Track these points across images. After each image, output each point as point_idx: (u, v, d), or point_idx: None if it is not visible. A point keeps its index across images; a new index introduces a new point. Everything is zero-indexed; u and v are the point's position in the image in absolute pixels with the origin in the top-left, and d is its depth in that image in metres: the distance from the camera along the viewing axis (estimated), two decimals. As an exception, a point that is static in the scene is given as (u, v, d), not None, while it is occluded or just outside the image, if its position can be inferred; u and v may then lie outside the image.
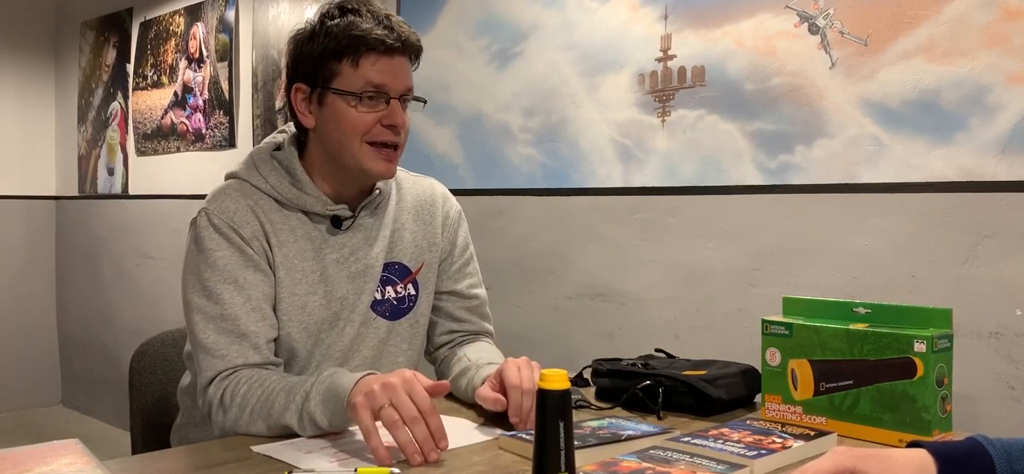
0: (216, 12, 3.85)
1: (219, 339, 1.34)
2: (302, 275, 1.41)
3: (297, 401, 1.25)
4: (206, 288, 1.36)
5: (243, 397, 1.30)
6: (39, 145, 4.93)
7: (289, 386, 1.28)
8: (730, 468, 1.08)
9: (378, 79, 1.37)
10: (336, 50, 1.36)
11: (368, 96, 1.37)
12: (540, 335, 2.57)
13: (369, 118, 1.37)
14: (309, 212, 1.43)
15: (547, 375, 0.95)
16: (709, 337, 2.20)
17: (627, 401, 1.46)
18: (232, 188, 1.42)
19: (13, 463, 1.01)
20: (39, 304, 4.96)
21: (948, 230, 1.83)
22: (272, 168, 1.44)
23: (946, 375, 1.25)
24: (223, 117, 3.81)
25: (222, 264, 1.36)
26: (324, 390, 1.23)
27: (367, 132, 1.38)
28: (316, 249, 1.43)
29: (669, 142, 2.28)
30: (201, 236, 1.38)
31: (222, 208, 1.39)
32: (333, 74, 1.37)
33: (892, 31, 1.89)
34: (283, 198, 1.42)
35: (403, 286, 1.52)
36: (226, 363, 1.33)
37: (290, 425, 1.25)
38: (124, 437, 1.73)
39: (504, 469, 1.14)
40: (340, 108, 1.38)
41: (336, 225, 1.45)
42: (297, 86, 1.42)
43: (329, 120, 1.39)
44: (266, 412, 1.27)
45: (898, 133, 1.89)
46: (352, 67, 1.36)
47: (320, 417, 1.23)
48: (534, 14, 2.59)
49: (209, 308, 1.35)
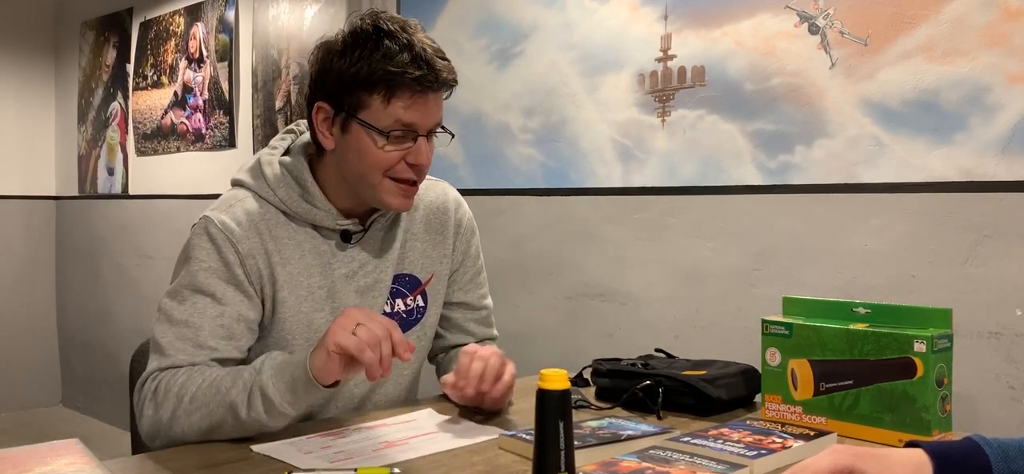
0: (216, 12, 3.85)
1: (174, 342, 1.28)
2: (308, 292, 1.37)
3: (245, 378, 1.20)
4: (180, 293, 1.31)
5: (180, 387, 1.23)
6: (39, 145, 4.93)
7: (235, 371, 1.23)
8: (730, 468, 1.08)
9: (409, 119, 1.30)
10: (368, 80, 1.28)
11: (396, 135, 1.30)
12: (540, 335, 2.57)
13: (394, 156, 1.31)
14: (318, 226, 1.39)
15: (547, 375, 0.95)
16: (709, 337, 2.20)
17: (627, 401, 1.46)
18: (239, 199, 1.37)
19: (13, 463, 1.01)
20: (39, 304, 4.96)
21: (948, 230, 1.83)
22: (281, 179, 1.37)
23: (946, 375, 1.25)
24: (223, 117, 3.81)
25: (203, 276, 1.31)
26: (278, 363, 1.20)
27: (390, 169, 1.32)
28: (324, 264, 1.39)
29: (669, 142, 2.28)
30: (194, 242, 1.34)
31: (224, 219, 1.33)
32: (361, 105, 1.30)
33: (892, 31, 1.89)
34: (291, 211, 1.37)
35: (412, 298, 1.49)
36: (171, 362, 1.27)
37: (236, 405, 1.19)
38: (124, 437, 1.73)
39: (504, 469, 1.14)
40: (364, 142, 1.30)
41: (346, 239, 1.41)
42: (319, 105, 1.33)
43: (351, 149, 1.32)
44: (207, 399, 1.20)
45: (898, 133, 1.89)
46: (383, 103, 1.28)
47: (272, 388, 1.17)
48: (534, 14, 2.59)
49: (176, 311, 1.30)
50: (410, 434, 1.29)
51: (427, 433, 1.30)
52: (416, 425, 1.34)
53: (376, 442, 1.24)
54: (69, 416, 4.81)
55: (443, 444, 1.24)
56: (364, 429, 1.31)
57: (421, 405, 1.47)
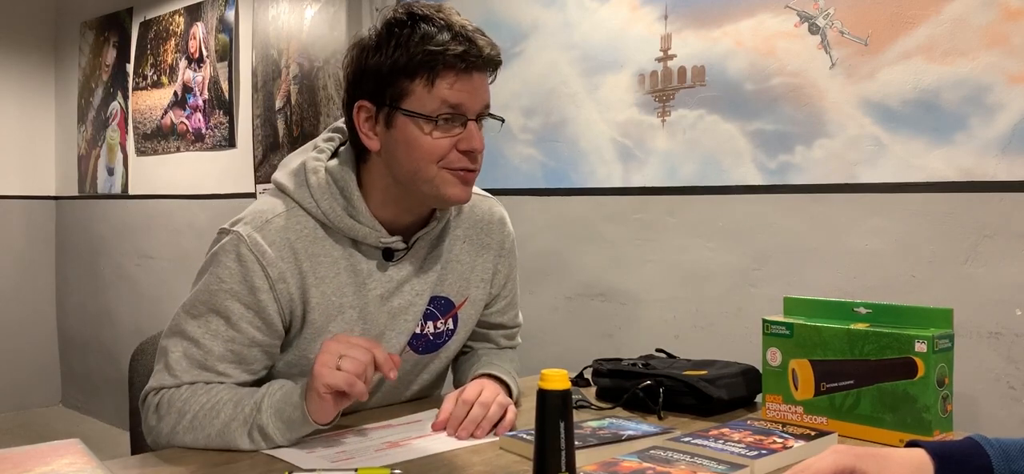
0: (216, 12, 3.85)
1: (181, 360, 1.25)
2: (338, 311, 1.30)
3: (246, 412, 1.19)
4: (197, 308, 1.26)
5: (183, 403, 1.22)
6: (39, 145, 4.93)
7: (237, 398, 1.21)
8: (731, 468, 1.08)
9: (455, 99, 1.22)
10: (408, 67, 1.21)
11: (444, 118, 1.23)
12: (540, 335, 2.57)
13: (445, 143, 1.23)
14: (359, 242, 1.31)
15: (547, 375, 0.95)
16: (709, 337, 2.20)
17: (627, 401, 1.46)
18: (277, 214, 1.28)
19: (13, 463, 1.01)
20: (39, 304, 4.96)
21: (948, 230, 1.83)
22: (326, 190, 1.29)
23: (947, 375, 1.25)
24: (223, 117, 3.81)
25: (223, 296, 1.24)
26: (277, 401, 1.19)
27: (442, 158, 1.24)
28: (359, 283, 1.31)
29: (669, 142, 2.28)
30: (222, 258, 1.25)
31: (258, 239, 1.25)
32: (404, 94, 1.23)
33: (892, 31, 1.89)
34: (333, 225, 1.29)
35: (444, 321, 1.42)
36: (174, 382, 1.25)
37: (236, 440, 1.19)
38: (124, 437, 1.73)
39: (504, 469, 1.14)
40: (412, 132, 1.23)
41: (387, 257, 1.33)
42: (360, 104, 1.26)
43: (399, 144, 1.24)
44: (205, 422, 1.20)
45: (898, 133, 1.89)
46: (426, 87, 1.22)
47: (272, 428, 1.18)
48: (534, 14, 2.59)
49: (190, 328, 1.25)
50: (413, 435, 1.29)
51: (430, 434, 1.30)
52: (419, 426, 1.34)
53: (378, 442, 1.24)
54: (69, 416, 4.81)
55: (445, 445, 1.24)
56: (367, 430, 1.31)
57: (425, 406, 1.47)
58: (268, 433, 1.18)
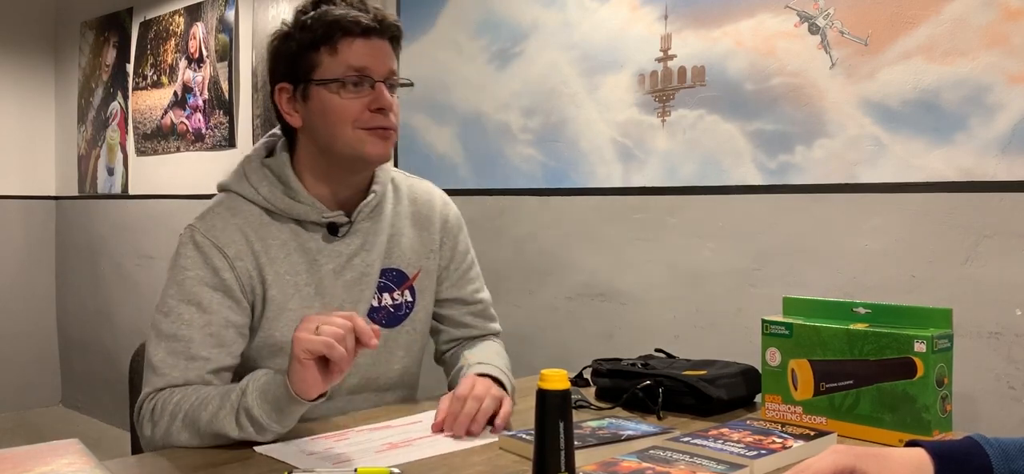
0: (216, 12, 3.85)
1: (166, 359, 1.29)
2: (296, 289, 1.37)
3: (232, 400, 1.21)
4: (168, 305, 1.31)
5: (175, 405, 1.25)
6: (39, 145, 4.93)
7: (224, 391, 1.24)
8: (730, 468, 1.08)
9: (359, 62, 1.33)
10: (313, 41, 1.33)
11: (352, 82, 1.33)
12: (540, 335, 2.57)
13: (356, 104, 1.33)
14: (303, 221, 1.39)
15: (547, 375, 0.95)
16: (709, 337, 2.20)
17: (627, 401, 1.46)
18: (222, 205, 1.38)
19: (13, 463, 1.01)
20: (39, 304, 4.96)
21: (948, 230, 1.83)
22: (263, 177, 1.39)
23: (946, 375, 1.25)
24: (223, 117, 3.81)
25: (190, 284, 1.31)
26: (261, 384, 1.20)
27: (356, 118, 1.33)
28: (310, 260, 1.39)
29: (669, 142, 2.28)
30: (180, 252, 1.35)
31: (209, 225, 1.35)
32: (313, 66, 1.34)
33: (892, 31, 1.89)
34: (275, 209, 1.37)
35: (400, 292, 1.49)
36: (166, 381, 1.28)
37: (225, 429, 1.20)
38: (124, 437, 1.73)
39: (504, 469, 1.14)
40: (325, 99, 1.34)
41: (333, 232, 1.41)
42: (280, 86, 1.38)
43: (316, 114, 1.35)
44: (195, 417, 1.22)
45: (898, 133, 1.89)
46: (331, 54, 1.33)
47: (258, 410, 1.19)
48: (534, 14, 2.59)
49: (165, 325, 1.31)
50: (414, 436, 1.29)
51: (429, 435, 1.30)
52: (421, 427, 1.34)
53: (379, 443, 1.25)
54: (69, 416, 4.81)
55: (445, 446, 1.24)
56: (367, 431, 1.31)
57: (425, 407, 1.47)
58: (254, 415, 1.19)
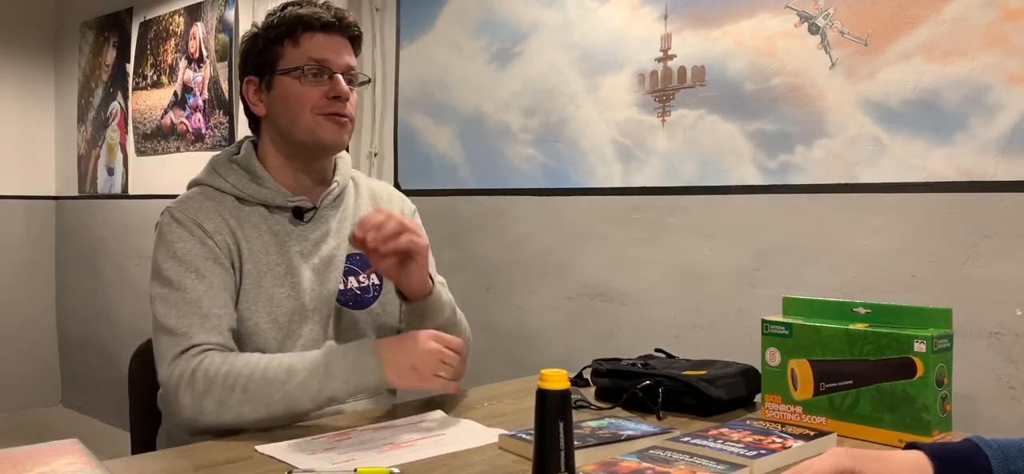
0: (216, 12, 3.85)
1: (181, 320, 1.34)
2: (268, 268, 1.44)
3: (312, 392, 1.29)
4: (167, 278, 1.38)
5: (226, 376, 1.28)
6: (39, 145, 4.92)
7: (288, 367, 1.30)
8: (730, 468, 1.08)
9: (318, 54, 1.44)
10: (278, 35, 1.45)
11: (312, 73, 1.43)
12: (540, 335, 2.57)
13: (315, 92, 1.43)
14: (270, 205, 1.47)
15: (547, 375, 0.95)
16: (709, 337, 2.20)
17: (627, 401, 1.46)
18: (195, 193, 1.47)
19: (13, 463, 1.01)
20: (39, 304, 4.96)
21: (948, 230, 1.83)
22: (231, 169, 1.49)
23: (946, 375, 1.25)
24: (223, 117, 3.81)
25: (183, 254, 1.38)
26: (346, 371, 1.30)
27: (314, 105, 1.43)
28: (280, 242, 1.46)
29: (669, 142, 2.28)
30: (164, 232, 1.42)
31: (185, 207, 1.43)
32: (277, 58, 1.45)
33: (892, 31, 1.89)
34: (244, 195, 1.46)
35: (365, 276, 1.55)
36: (189, 341, 1.33)
37: (305, 408, 1.30)
38: (124, 437, 1.73)
39: (504, 469, 1.14)
40: (287, 86, 1.44)
41: (298, 217, 1.49)
42: (248, 80, 1.49)
43: (278, 101, 1.46)
44: (262, 393, 1.28)
45: (898, 133, 1.89)
46: (294, 46, 1.44)
47: (343, 393, 1.30)
48: (534, 14, 2.59)
49: (171, 295, 1.36)
50: (416, 436, 1.29)
51: (431, 436, 1.30)
52: (423, 427, 1.34)
53: (379, 443, 1.24)
54: (69, 416, 4.81)
55: (446, 446, 1.24)
56: (367, 430, 1.31)
57: (426, 407, 1.47)
58: (338, 398, 1.31)
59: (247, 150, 1.52)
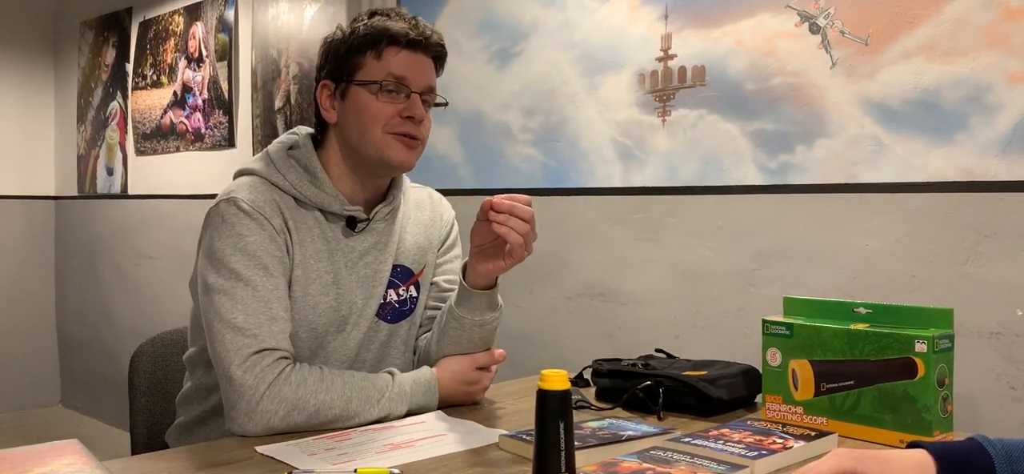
0: (216, 12, 3.85)
1: (248, 318, 1.29)
2: (317, 275, 1.40)
3: (376, 410, 1.35)
4: (233, 270, 1.31)
5: (322, 402, 1.30)
6: (38, 145, 4.92)
7: (363, 395, 1.34)
8: (730, 468, 1.08)
9: (399, 71, 1.39)
10: (361, 45, 1.40)
11: (389, 89, 1.39)
12: (540, 335, 2.57)
13: (389, 109, 1.39)
14: (326, 211, 1.43)
15: (547, 375, 0.95)
16: (709, 337, 2.20)
17: (627, 401, 1.46)
18: (255, 183, 1.40)
19: (12, 463, 1.00)
20: (39, 304, 4.96)
21: (948, 230, 1.82)
22: (290, 165, 1.42)
23: (947, 375, 1.25)
24: (222, 117, 3.81)
25: (253, 248, 1.32)
26: (407, 393, 1.39)
27: (387, 122, 1.39)
28: (331, 250, 1.42)
29: (669, 142, 2.28)
30: (230, 220, 1.33)
31: (251, 197, 1.36)
32: (357, 67, 1.40)
33: (892, 31, 1.88)
34: (301, 196, 1.41)
35: (405, 288, 1.52)
36: (260, 343, 1.28)
37: (363, 420, 1.33)
38: (124, 437, 1.73)
39: (504, 469, 1.14)
40: (362, 99, 1.40)
41: (350, 227, 1.44)
42: (324, 83, 1.44)
43: (351, 112, 1.41)
44: (337, 415, 1.31)
45: (898, 133, 1.89)
46: (375, 59, 1.39)
47: (401, 410, 1.37)
48: (534, 14, 2.59)
49: (238, 290, 1.30)
50: (416, 437, 1.29)
51: (432, 436, 1.30)
52: (424, 428, 1.34)
53: (379, 444, 1.24)
54: (69, 416, 4.81)
55: (446, 446, 1.24)
56: (367, 430, 1.31)
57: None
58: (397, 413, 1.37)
59: (306, 147, 1.45)
